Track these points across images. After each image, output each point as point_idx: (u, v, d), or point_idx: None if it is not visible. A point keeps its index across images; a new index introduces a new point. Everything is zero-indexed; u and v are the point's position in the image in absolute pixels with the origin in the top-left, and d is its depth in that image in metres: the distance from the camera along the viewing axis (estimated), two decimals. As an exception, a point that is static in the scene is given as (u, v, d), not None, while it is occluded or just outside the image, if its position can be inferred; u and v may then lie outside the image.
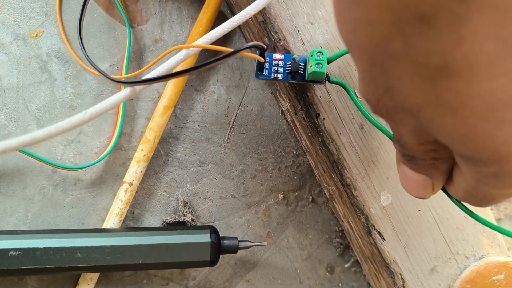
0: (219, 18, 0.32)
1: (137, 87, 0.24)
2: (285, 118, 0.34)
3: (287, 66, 0.29)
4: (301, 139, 0.33)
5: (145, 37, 0.32)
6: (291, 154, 0.34)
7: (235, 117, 0.33)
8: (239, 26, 0.34)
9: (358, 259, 0.36)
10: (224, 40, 0.33)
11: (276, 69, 0.29)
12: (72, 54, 0.30)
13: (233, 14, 0.34)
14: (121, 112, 0.30)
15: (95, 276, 0.30)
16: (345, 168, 0.30)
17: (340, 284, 0.36)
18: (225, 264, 0.33)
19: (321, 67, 0.27)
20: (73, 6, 0.31)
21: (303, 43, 0.30)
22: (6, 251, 0.27)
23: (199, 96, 0.33)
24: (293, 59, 0.29)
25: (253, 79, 0.34)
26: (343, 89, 0.29)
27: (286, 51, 0.30)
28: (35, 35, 0.30)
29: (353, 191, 0.31)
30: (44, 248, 0.27)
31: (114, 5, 0.31)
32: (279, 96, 0.33)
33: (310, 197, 0.35)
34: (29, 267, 0.27)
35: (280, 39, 0.30)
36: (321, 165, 0.33)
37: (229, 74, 0.33)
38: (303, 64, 0.28)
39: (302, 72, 0.28)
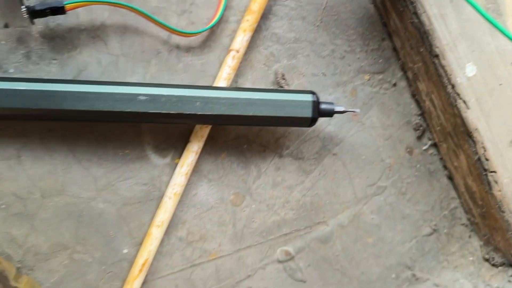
0: None
1: None
2: (374, 3, 0.38)
3: None
4: (390, 20, 0.37)
5: None
6: (378, 37, 0.38)
7: (328, -1, 0.37)
8: None
9: (437, 140, 0.40)
10: None
11: None
12: None
13: None
14: None
15: (205, 133, 0.34)
16: (435, 38, 0.34)
17: (417, 165, 0.40)
18: (315, 137, 0.37)
19: None
20: None
21: None
22: (135, 95, 0.31)
23: (296, -23, 0.37)
24: None
25: (345, -36, 0.37)
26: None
27: None
28: None
29: (441, 61, 0.34)
30: (168, 95, 0.32)
31: None
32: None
33: (393, 81, 0.39)
34: (154, 111, 0.31)
35: None
36: (409, 42, 0.36)
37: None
38: None
39: None
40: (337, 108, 0.35)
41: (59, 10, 0.31)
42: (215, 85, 0.35)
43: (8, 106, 0.30)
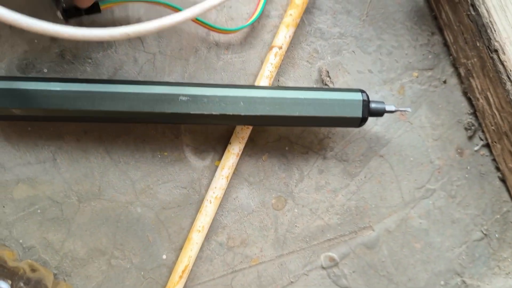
0: None
1: None
2: (423, -6, 0.36)
3: None
4: (442, 12, 0.35)
5: None
6: (427, 32, 0.36)
7: (375, -9, 0.35)
8: None
9: (490, 140, 0.37)
10: None
11: None
12: None
13: None
14: None
15: (246, 135, 0.33)
16: (494, 31, 0.32)
17: (468, 167, 0.37)
18: (361, 138, 0.35)
19: None
20: None
21: None
22: (176, 96, 0.30)
23: (341, -32, 0.35)
24: None
25: (393, -47, 0.35)
26: None
27: None
28: None
29: (500, 56, 0.32)
30: (211, 95, 0.30)
31: None
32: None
33: (443, 78, 0.37)
34: (196, 112, 0.30)
35: None
36: (463, 36, 0.34)
37: None
38: None
39: None
40: (388, 107, 0.33)
41: (95, 9, 0.30)
42: (256, 84, 0.33)
43: (43, 107, 0.29)
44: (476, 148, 0.38)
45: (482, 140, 0.38)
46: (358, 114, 0.32)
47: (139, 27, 0.25)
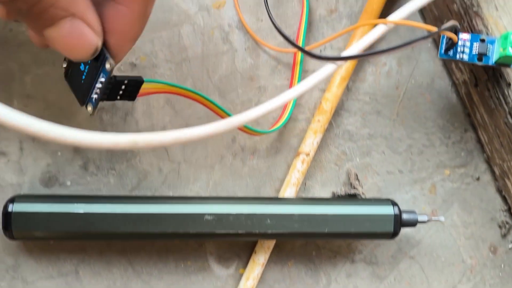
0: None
1: (338, 63, 0.25)
2: (456, 91, 0.35)
3: (474, 46, 0.29)
4: (476, 113, 0.34)
5: (320, 7, 0.33)
6: (460, 129, 0.35)
7: (405, 89, 0.34)
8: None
9: (525, 240, 0.36)
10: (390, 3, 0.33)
11: (462, 49, 0.30)
12: (247, 28, 0.32)
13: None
14: (296, 82, 0.32)
15: (272, 244, 0.32)
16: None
17: (502, 265, 0.36)
18: (390, 240, 0.34)
19: None
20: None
21: (497, 9, 0.30)
22: (201, 215, 0.29)
23: (370, 67, 0.34)
24: (481, 40, 0.29)
25: (424, 51, 0.34)
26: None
27: (478, 18, 0.30)
28: (218, 5, 0.32)
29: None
30: (236, 214, 0.29)
31: (293, -25, 0.32)
32: (454, 67, 0.34)
33: (477, 175, 0.35)
34: (222, 231, 0.29)
35: (472, 5, 0.30)
36: (499, 139, 0.33)
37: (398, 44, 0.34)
38: (491, 46, 0.29)
39: (489, 54, 0.29)
40: (421, 218, 0.32)
41: (132, 93, 0.26)
42: (283, 191, 0.32)
43: (65, 231, 0.29)
44: (510, 246, 0.37)
45: (517, 237, 0.37)
46: (390, 229, 0.31)
47: (151, 136, 0.20)
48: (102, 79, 0.23)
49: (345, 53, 0.26)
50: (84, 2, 0.21)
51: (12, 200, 0.28)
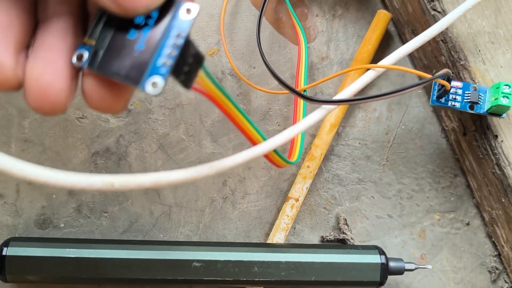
0: (384, 35, 0.33)
1: (328, 107, 0.26)
2: (446, 137, 0.35)
3: (466, 95, 0.30)
4: (465, 160, 0.34)
5: (312, 54, 0.34)
6: (449, 174, 0.35)
7: (395, 135, 0.35)
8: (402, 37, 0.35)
9: (515, 286, 0.36)
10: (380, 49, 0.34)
11: (454, 97, 0.30)
12: (238, 74, 0.32)
13: (399, 31, 0.35)
14: (301, 116, 0.32)
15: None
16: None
17: (492, 311, 0.36)
18: (379, 283, 0.34)
19: (508, 101, 0.28)
20: (245, 24, 0.33)
21: (484, 63, 0.30)
22: (190, 262, 0.29)
23: (360, 113, 0.34)
24: (473, 88, 0.30)
25: (415, 96, 0.35)
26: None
27: (466, 71, 0.31)
28: (211, 53, 0.33)
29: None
30: (224, 261, 0.30)
31: (285, 24, 0.33)
32: (444, 115, 0.34)
33: (466, 220, 0.36)
34: (210, 278, 0.29)
35: (460, 59, 0.30)
36: (488, 188, 0.33)
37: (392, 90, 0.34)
38: (483, 95, 0.30)
39: (481, 103, 0.30)
40: (408, 266, 0.32)
41: (191, 74, 0.18)
42: (272, 235, 0.33)
43: (56, 275, 0.29)
44: (500, 291, 0.37)
45: (507, 283, 0.37)
46: (376, 278, 0.31)
47: (127, 178, 0.19)
48: (179, 34, 0.16)
49: (337, 97, 0.26)
50: None
51: (6, 244, 0.29)
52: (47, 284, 0.31)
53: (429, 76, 0.27)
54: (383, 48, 0.35)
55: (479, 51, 0.30)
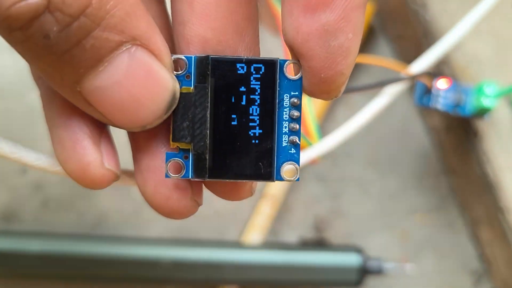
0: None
1: None
2: (429, 136, 0.34)
3: (449, 96, 0.29)
4: (448, 159, 0.33)
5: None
6: (432, 174, 0.35)
7: (378, 133, 0.34)
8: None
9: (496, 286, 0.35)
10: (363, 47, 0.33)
11: (437, 98, 0.30)
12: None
13: (385, 28, 0.34)
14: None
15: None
16: (501, 191, 0.30)
17: (474, 314, 0.35)
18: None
19: (490, 103, 0.28)
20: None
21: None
22: (158, 260, 0.29)
23: (342, 109, 0.33)
24: (456, 90, 0.30)
25: (399, 94, 0.34)
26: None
27: (448, 68, 0.30)
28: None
29: (507, 216, 0.30)
30: (194, 260, 0.30)
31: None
32: (427, 115, 0.33)
33: (449, 220, 0.35)
34: (180, 277, 0.29)
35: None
36: (469, 187, 0.32)
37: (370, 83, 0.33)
38: (466, 96, 0.29)
39: (464, 105, 0.29)
40: (387, 266, 0.31)
41: None
42: (247, 234, 0.32)
43: (19, 269, 0.28)
44: (482, 293, 0.36)
45: (490, 283, 0.36)
46: (353, 277, 0.30)
47: None
48: (293, 102, 0.13)
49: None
50: (147, 19, 0.12)
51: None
52: (10, 279, 0.30)
53: (412, 74, 0.26)
54: (366, 41, 0.34)
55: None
